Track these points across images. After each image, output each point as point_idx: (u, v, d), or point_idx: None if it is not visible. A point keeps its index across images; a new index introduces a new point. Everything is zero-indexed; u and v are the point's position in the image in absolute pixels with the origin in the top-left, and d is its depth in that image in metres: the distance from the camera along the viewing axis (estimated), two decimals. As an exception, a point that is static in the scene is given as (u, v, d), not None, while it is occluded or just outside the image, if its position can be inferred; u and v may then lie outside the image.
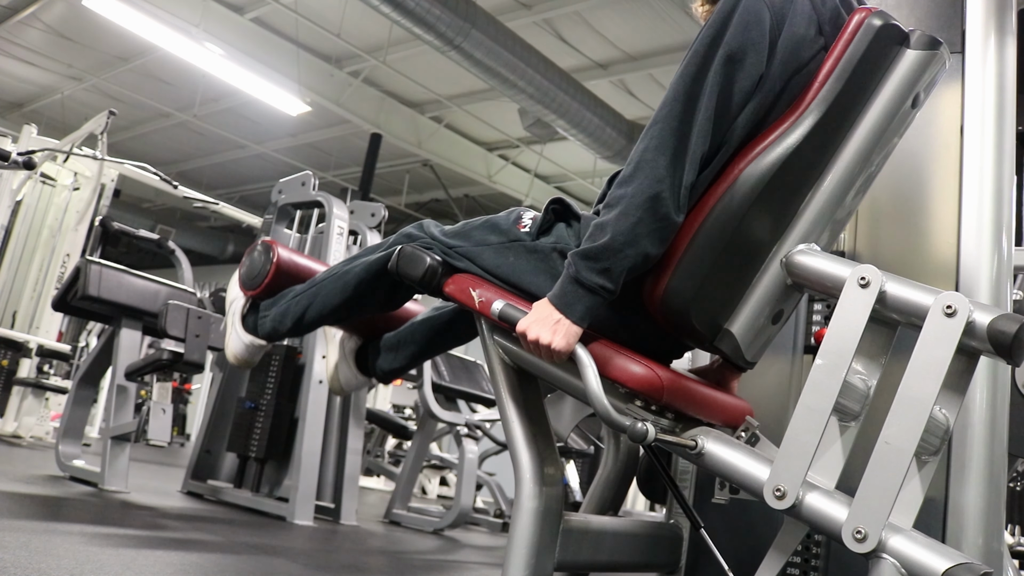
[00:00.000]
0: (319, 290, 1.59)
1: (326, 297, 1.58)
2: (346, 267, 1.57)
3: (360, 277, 1.52)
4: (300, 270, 1.73)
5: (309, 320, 1.61)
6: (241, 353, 1.73)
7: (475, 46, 6.45)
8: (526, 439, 1.25)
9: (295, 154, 11.00)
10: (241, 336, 1.73)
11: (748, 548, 1.51)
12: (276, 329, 1.68)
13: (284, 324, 1.66)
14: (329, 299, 1.57)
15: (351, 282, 1.53)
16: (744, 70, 1.17)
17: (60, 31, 8.52)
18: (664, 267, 1.19)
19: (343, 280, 1.55)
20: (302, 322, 1.62)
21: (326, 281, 1.59)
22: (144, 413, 6.10)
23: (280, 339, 1.76)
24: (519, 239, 1.34)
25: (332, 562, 2.34)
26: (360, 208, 4.03)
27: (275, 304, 1.69)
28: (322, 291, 1.59)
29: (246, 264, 1.75)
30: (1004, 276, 1.49)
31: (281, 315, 1.66)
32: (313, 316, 1.60)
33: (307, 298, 1.61)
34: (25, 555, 1.60)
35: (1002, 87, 1.54)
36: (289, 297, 1.66)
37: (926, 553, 0.97)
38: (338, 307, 1.57)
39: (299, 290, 1.65)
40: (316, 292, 1.60)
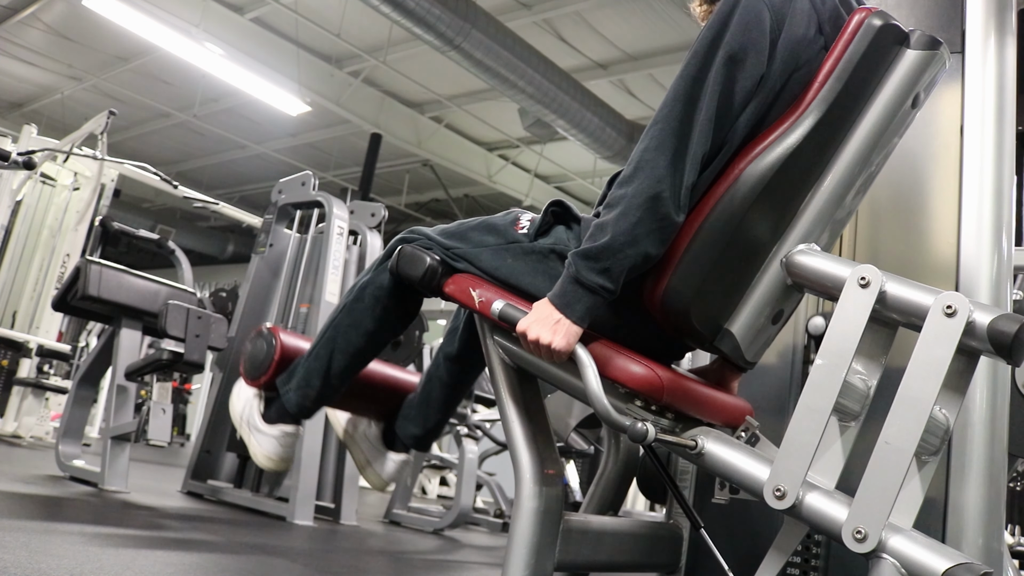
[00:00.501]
0: (335, 333, 1.48)
1: (346, 335, 1.48)
2: (349, 298, 1.49)
3: (375, 296, 1.45)
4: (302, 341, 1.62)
5: (338, 367, 1.49)
6: (275, 451, 1.56)
7: (475, 46, 6.45)
8: (526, 439, 1.25)
9: (295, 154, 11.00)
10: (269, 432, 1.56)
11: (748, 548, 1.51)
12: (305, 396, 1.52)
13: (312, 386, 1.50)
14: (350, 335, 1.47)
15: (366, 304, 1.46)
16: (745, 70, 1.17)
17: (60, 31, 8.52)
18: (664, 267, 1.19)
19: (354, 309, 1.47)
20: (331, 372, 1.49)
21: (337, 323, 1.49)
22: (144, 413, 6.10)
23: (312, 410, 1.56)
24: (517, 240, 1.34)
25: (332, 562, 2.34)
26: (360, 208, 4.03)
27: (293, 375, 1.54)
28: (339, 332, 1.48)
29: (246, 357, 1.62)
30: (1004, 276, 1.49)
31: (305, 378, 1.51)
32: (341, 361, 1.48)
33: (325, 347, 1.49)
34: (25, 555, 1.60)
35: (1002, 87, 1.54)
36: (306, 360, 1.53)
37: (926, 553, 0.97)
38: (362, 338, 1.47)
39: (313, 346, 1.52)
40: (333, 336, 1.48)
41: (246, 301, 3.88)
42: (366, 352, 1.51)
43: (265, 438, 1.57)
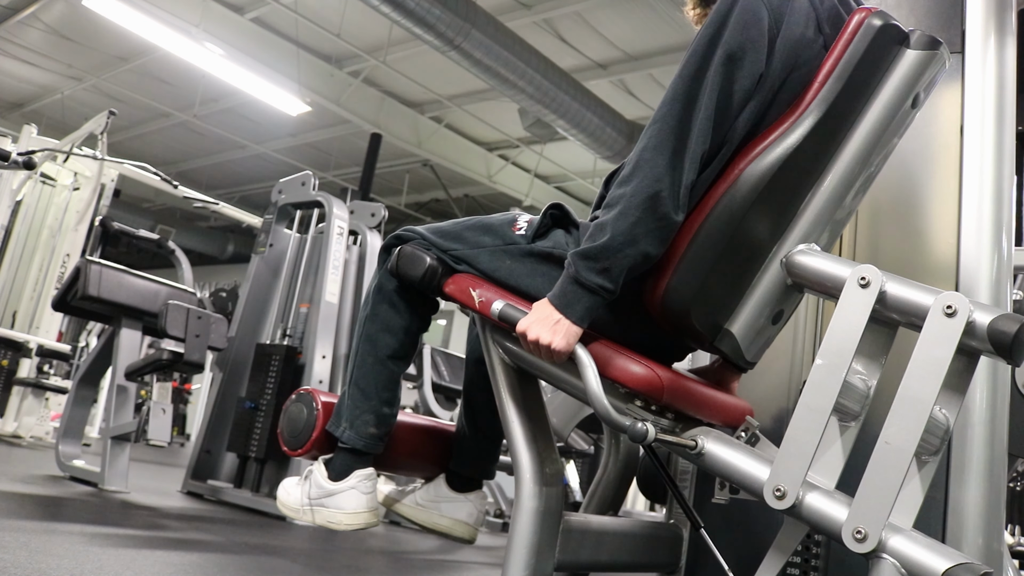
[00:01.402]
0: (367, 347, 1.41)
1: (378, 342, 1.41)
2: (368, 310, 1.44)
3: (395, 291, 1.42)
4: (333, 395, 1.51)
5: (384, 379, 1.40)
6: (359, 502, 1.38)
7: (475, 46, 6.45)
8: (526, 439, 1.25)
9: (295, 154, 11.00)
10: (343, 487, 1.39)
11: (748, 548, 1.51)
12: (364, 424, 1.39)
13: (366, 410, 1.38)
14: (383, 341, 1.41)
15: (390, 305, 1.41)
16: (744, 69, 1.17)
17: (60, 31, 8.52)
18: (664, 267, 1.19)
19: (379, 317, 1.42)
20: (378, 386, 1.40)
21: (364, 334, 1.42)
22: (144, 413, 6.09)
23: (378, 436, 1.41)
24: (515, 242, 1.33)
25: (332, 562, 2.34)
26: (360, 208, 4.04)
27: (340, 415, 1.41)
28: (371, 344, 1.41)
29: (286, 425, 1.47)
30: (1004, 276, 1.49)
31: (355, 408, 1.39)
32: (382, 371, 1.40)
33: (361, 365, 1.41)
34: (25, 555, 1.60)
35: (1002, 87, 1.54)
36: (346, 392, 1.42)
37: (926, 553, 0.97)
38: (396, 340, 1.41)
39: (349, 375, 1.43)
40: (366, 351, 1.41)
41: (246, 301, 3.88)
42: (403, 351, 1.44)
43: (343, 496, 1.38)
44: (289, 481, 1.48)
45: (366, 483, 1.40)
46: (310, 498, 1.41)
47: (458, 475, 1.55)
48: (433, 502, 1.53)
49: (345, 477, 1.39)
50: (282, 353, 3.50)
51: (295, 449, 1.44)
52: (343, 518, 1.38)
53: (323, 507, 1.39)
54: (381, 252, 1.46)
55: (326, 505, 1.39)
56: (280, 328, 3.78)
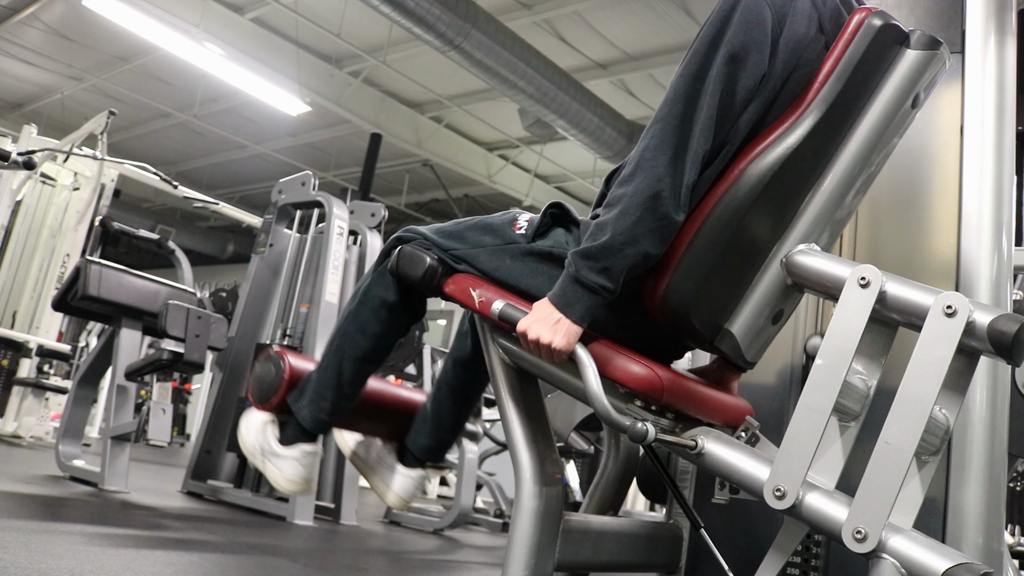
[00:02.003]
0: (342, 342, 1.47)
1: (352, 342, 1.46)
2: (353, 304, 1.48)
3: (372, 302, 1.44)
4: (309, 361, 1.60)
5: (349, 375, 1.48)
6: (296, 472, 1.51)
7: (475, 46, 6.45)
8: (526, 439, 1.25)
9: (295, 154, 11.00)
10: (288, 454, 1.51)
11: (748, 548, 1.51)
12: (320, 409, 1.49)
13: (325, 397, 1.48)
14: (358, 341, 1.46)
15: (371, 308, 1.44)
16: (746, 69, 1.17)
17: (60, 31, 8.52)
18: (664, 267, 1.19)
19: (359, 315, 1.46)
20: (342, 380, 1.48)
21: (343, 331, 1.48)
22: (144, 413, 6.10)
23: (328, 423, 1.53)
24: (515, 241, 1.33)
25: (332, 562, 2.34)
26: (360, 208, 4.04)
27: (304, 391, 1.52)
28: (346, 340, 1.47)
29: (254, 383, 1.58)
30: (1004, 276, 1.49)
31: (318, 392, 1.49)
32: (351, 368, 1.47)
33: (334, 356, 1.48)
34: (25, 555, 1.60)
35: (1002, 87, 1.54)
36: (315, 373, 1.51)
37: (926, 553, 0.97)
38: (370, 341, 1.46)
39: (321, 362, 1.51)
40: (340, 345, 1.48)
41: (246, 301, 3.88)
42: (375, 355, 1.50)
43: (285, 462, 1.52)
44: (254, 418, 1.57)
45: (307, 458, 1.52)
46: (261, 448, 1.54)
47: (410, 453, 1.65)
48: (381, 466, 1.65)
49: (291, 446, 1.52)
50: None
51: (259, 404, 1.56)
52: (280, 480, 1.52)
53: (266, 461, 1.53)
54: (382, 255, 1.48)
55: (270, 461, 1.53)
56: (280, 328, 3.78)
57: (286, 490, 1.53)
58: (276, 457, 1.52)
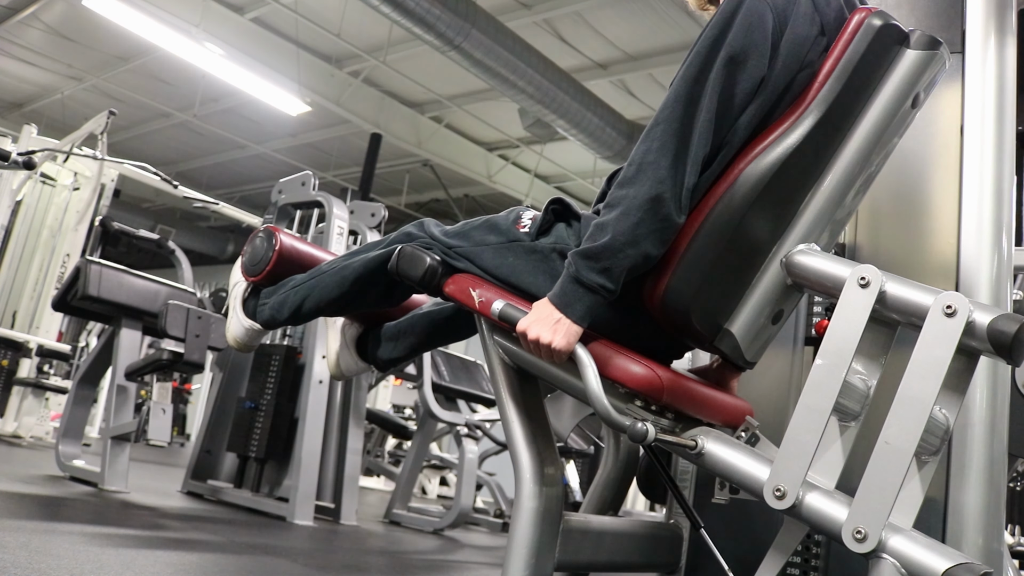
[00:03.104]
0: (317, 283, 1.61)
1: (323, 290, 1.59)
2: (345, 262, 1.57)
3: (358, 273, 1.52)
4: (302, 258, 1.74)
5: (306, 311, 1.64)
6: (241, 336, 1.75)
7: (475, 46, 6.45)
8: (526, 439, 1.25)
9: (295, 154, 11.00)
10: (241, 320, 1.74)
11: (748, 548, 1.51)
12: (274, 317, 1.70)
13: (282, 313, 1.67)
14: (326, 293, 1.58)
15: (349, 277, 1.54)
16: (746, 72, 1.17)
17: (60, 31, 8.52)
18: (664, 267, 1.19)
19: (341, 275, 1.56)
20: (299, 312, 1.65)
21: (325, 275, 1.60)
22: (144, 413, 6.09)
23: (277, 327, 1.77)
24: (518, 239, 1.33)
25: (332, 562, 2.34)
26: (360, 208, 4.04)
27: (275, 292, 1.70)
28: (320, 284, 1.60)
29: (248, 251, 1.76)
30: (1004, 276, 1.49)
31: (279, 304, 1.68)
32: (310, 308, 1.62)
33: (305, 289, 1.63)
34: (25, 555, 1.60)
35: (1002, 87, 1.54)
36: (288, 287, 1.68)
37: (926, 553, 0.97)
38: (334, 301, 1.59)
39: (298, 280, 1.66)
40: (314, 284, 1.61)
41: (246, 301, 3.87)
42: (333, 311, 1.66)
43: (237, 323, 1.74)
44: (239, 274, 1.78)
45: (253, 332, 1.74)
46: (233, 294, 1.78)
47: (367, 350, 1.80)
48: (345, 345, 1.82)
49: (246, 313, 1.74)
50: (282, 353, 3.50)
51: (249, 276, 1.74)
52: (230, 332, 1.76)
53: (231, 310, 1.77)
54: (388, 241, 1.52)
55: (232, 312, 1.76)
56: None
57: (228, 342, 1.76)
58: (235, 314, 1.75)
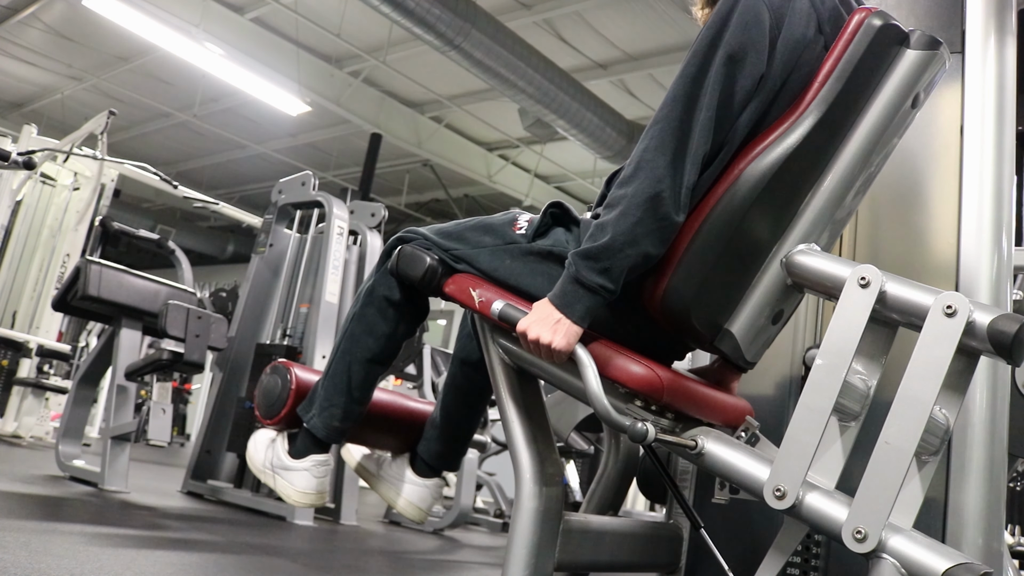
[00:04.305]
0: (349, 344, 1.45)
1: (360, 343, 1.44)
2: (358, 308, 1.47)
3: (384, 298, 1.43)
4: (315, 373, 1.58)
5: (358, 379, 1.45)
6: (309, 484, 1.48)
7: (475, 46, 6.44)
8: (526, 439, 1.25)
9: (295, 154, 10.99)
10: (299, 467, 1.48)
11: (748, 548, 1.51)
12: (331, 416, 1.46)
13: (336, 404, 1.45)
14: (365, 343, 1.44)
15: (370, 313, 1.43)
16: (745, 70, 1.17)
17: (60, 31, 8.51)
18: (664, 267, 1.19)
19: (365, 318, 1.44)
20: (351, 387, 1.45)
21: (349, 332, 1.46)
22: (144, 413, 6.10)
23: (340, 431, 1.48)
24: (515, 241, 1.33)
25: (332, 562, 2.34)
26: (360, 208, 4.04)
27: (313, 400, 1.48)
28: (353, 342, 1.45)
29: (260, 397, 1.56)
30: (1004, 276, 1.49)
31: (327, 399, 1.46)
32: (360, 372, 1.45)
33: (341, 361, 1.45)
34: (25, 555, 1.60)
35: (1002, 87, 1.54)
36: (323, 380, 1.48)
37: (926, 553, 0.97)
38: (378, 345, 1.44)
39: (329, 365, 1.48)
40: (348, 348, 1.45)
41: (246, 301, 3.88)
42: (384, 356, 1.48)
43: (297, 474, 1.48)
44: (262, 437, 1.56)
45: (320, 468, 1.49)
46: (271, 464, 1.51)
47: (422, 461, 1.62)
48: (395, 479, 1.61)
49: (303, 457, 1.49)
50: (282, 353, 3.51)
51: (267, 419, 1.54)
52: (292, 494, 1.49)
53: (279, 476, 1.50)
54: (383, 256, 1.47)
55: (282, 476, 1.49)
56: (280, 328, 3.78)
57: (299, 503, 1.49)
58: (287, 471, 1.49)
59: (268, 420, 1.53)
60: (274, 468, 1.50)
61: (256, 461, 1.53)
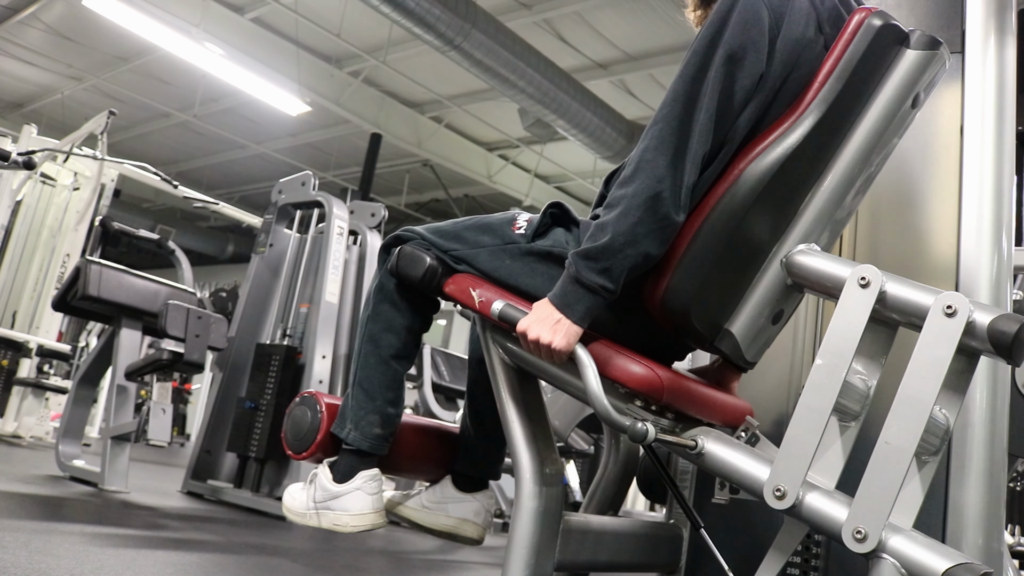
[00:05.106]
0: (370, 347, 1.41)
1: (381, 341, 1.40)
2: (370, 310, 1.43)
3: (396, 291, 1.41)
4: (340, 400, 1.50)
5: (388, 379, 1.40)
6: (364, 503, 1.36)
7: (475, 46, 6.45)
8: (526, 439, 1.25)
9: (295, 154, 11.00)
10: (348, 489, 1.37)
11: (748, 548, 1.51)
12: (369, 423, 1.38)
13: (371, 410, 1.38)
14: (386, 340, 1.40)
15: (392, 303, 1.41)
16: (744, 69, 1.17)
17: (60, 31, 8.52)
18: (664, 267, 1.19)
19: (381, 316, 1.41)
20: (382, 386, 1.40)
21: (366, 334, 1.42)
22: (144, 413, 6.10)
23: (384, 436, 1.39)
24: (514, 241, 1.33)
25: (332, 562, 2.34)
26: (360, 208, 4.04)
27: (345, 416, 1.41)
28: (374, 343, 1.40)
29: (290, 429, 1.47)
30: (1004, 276, 1.49)
31: (360, 408, 1.38)
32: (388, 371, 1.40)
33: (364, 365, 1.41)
34: (25, 555, 1.60)
35: (1002, 87, 1.54)
36: (350, 393, 1.42)
37: (926, 553, 0.97)
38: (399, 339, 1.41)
39: (352, 376, 1.43)
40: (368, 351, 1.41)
41: (246, 301, 3.88)
42: (406, 351, 1.43)
43: (348, 498, 1.37)
44: (295, 487, 1.47)
45: (372, 484, 1.38)
46: (315, 501, 1.39)
47: (464, 475, 1.54)
48: (439, 503, 1.50)
49: (350, 479, 1.37)
50: (282, 353, 3.50)
51: (300, 452, 1.43)
52: (349, 520, 1.36)
53: (329, 510, 1.37)
54: (381, 252, 1.46)
55: (332, 508, 1.37)
56: (280, 328, 3.78)
57: (359, 527, 1.36)
58: (337, 499, 1.37)
59: (301, 454, 1.43)
60: (319, 504, 1.38)
61: (298, 509, 1.41)
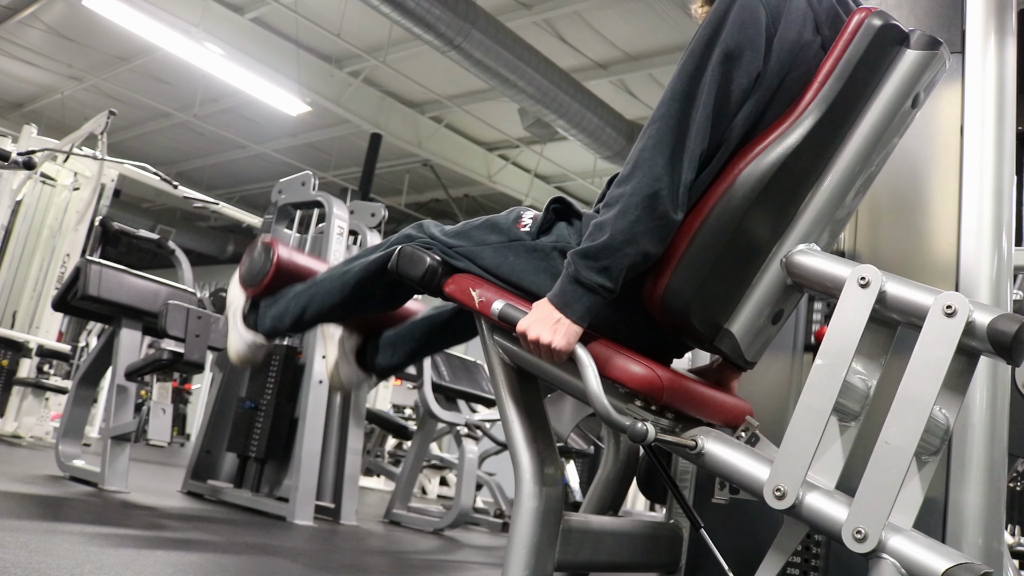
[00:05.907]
0: (318, 290, 1.61)
1: (325, 296, 1.58)
2: (345, 267, 1.57)
3: (359, 277, 1.52)
4: (300, 269, 1.74)
5: (308, 319, 1.63)
6: (243, 351, 1.74)
7: (475, 46, 6.45)
8: (526, 439, 1.25)
9: (295, 154, 11.00)
10: (243, 334, 1.73)
11: (748, 548, 1.51)
12: (276, 327, 1.70)
13: (283, 322, 1.67)
14: (328, 298, 1.58)
15: (350, 282, 1.53)
16: (742, 68, 1.17)
17: (60, 31, 8.52)
18: (664, 267, 1.19)
19: (342, 280, 1.55)
20: (301, 320, 1.64)
21: (325, 281, 1.60)
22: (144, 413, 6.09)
23: (280, 336, 1.75)
24: (519, 238, 1.33)
25: (332, 562, 2.34)
26: (360, 208, 4.03)
27: (275, 303, 1.70)
28: (321, 291, 1.60)
29: (246, 263, 1.76)
30: (1004, 276, 1.49)
31: (280, 314, 1.67)
32: (312, 315, 1.62)
33: (306, 297, 1.62)
34: (25, 555, 1.60)
35: (1002, 87, 1.54)
36: (289, 296, 1.67)
37: (926, 553, 0.97)
38: (337, 306, 1.58)
39: (299, 289, 1.66)
40: (315, 292, 1.61)
41: (246, 301, 3.87)
42: (336, 317, 1.67)
43: (239, 338, 1.73)
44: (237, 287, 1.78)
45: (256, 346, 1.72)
46: (232, 311, 1.76)
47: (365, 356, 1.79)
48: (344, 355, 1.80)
49: (248, 329, 1.72)
50: (282, 353, 3.50)
51: (247, 287, 1.75)
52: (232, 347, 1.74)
53: (231, 325, 1.76)
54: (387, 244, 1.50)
55: (232, 327, 1.75)
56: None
57: (231, 359, 1.75)
58: (235, 329, 1.74)
59: (247, 289, 1.75)
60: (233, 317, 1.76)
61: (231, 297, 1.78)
